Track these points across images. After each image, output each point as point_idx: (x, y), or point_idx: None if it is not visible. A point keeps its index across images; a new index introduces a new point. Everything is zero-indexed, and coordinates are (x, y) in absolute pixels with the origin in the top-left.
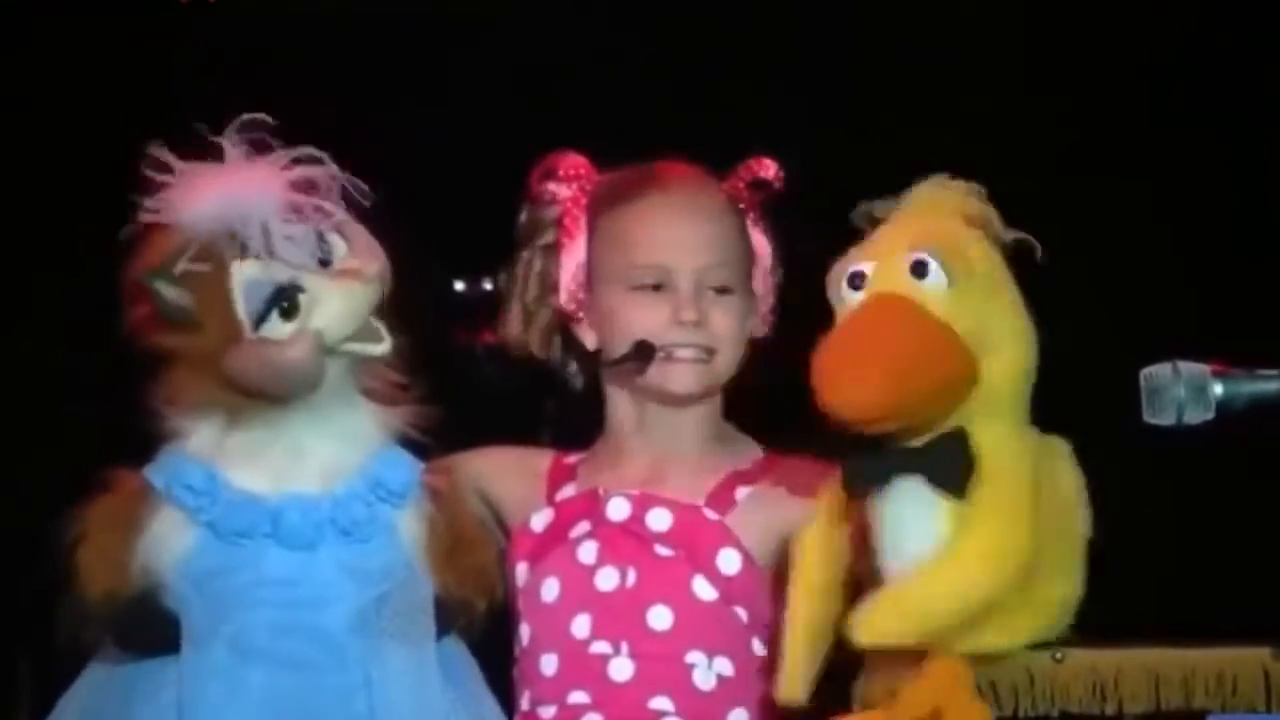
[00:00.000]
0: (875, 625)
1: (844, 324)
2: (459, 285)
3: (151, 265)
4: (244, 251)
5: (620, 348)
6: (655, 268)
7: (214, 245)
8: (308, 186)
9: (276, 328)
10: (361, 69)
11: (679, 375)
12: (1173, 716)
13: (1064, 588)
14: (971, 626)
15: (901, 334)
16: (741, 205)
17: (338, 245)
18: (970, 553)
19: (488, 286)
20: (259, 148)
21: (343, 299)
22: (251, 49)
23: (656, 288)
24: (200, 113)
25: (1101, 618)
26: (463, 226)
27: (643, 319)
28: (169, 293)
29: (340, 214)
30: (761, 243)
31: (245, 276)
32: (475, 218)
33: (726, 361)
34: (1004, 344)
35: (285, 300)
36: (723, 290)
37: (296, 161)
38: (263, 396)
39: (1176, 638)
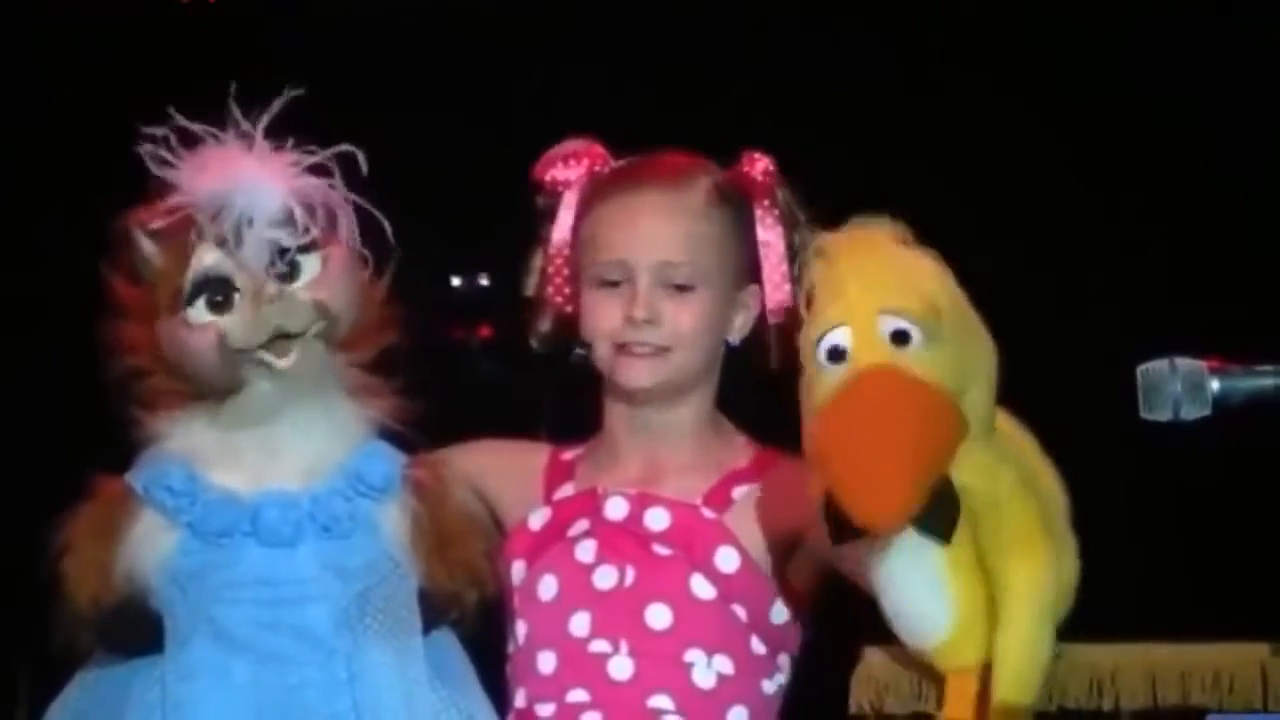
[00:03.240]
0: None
1: (846, 416)
2: (456, 281)
3: (143, 218)
4: (217, 234)
5: (592, 345)
6: (616, 264)
7: (200, 218)
8: (311, 201)
9: (200, 314)
10: (362, 67)
11: (632, 371)
12: (1170, 713)
13: (1071, 563)
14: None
15: (912, 425)
16: (742, 197)
17: (306, 267)
18: (1018, 595)
19: (484, 282)
20: (278, 140)
21: (261, 313)
22: (251, 49)
23: (618, 284)
24: (200, 113)
25: (1099, 614)
26: (461, 222)
27: (603, 315)
28: (145, 244)
29: (331, 237)
30: (772, 233)
31: (203, 258)
32: (472, 214)
33: (685, 359)
34: (978, 374)
35: (218, 294)
36: (684, 288)
37: (314, 171)
38: (188, 378)
39: (1174, 634)
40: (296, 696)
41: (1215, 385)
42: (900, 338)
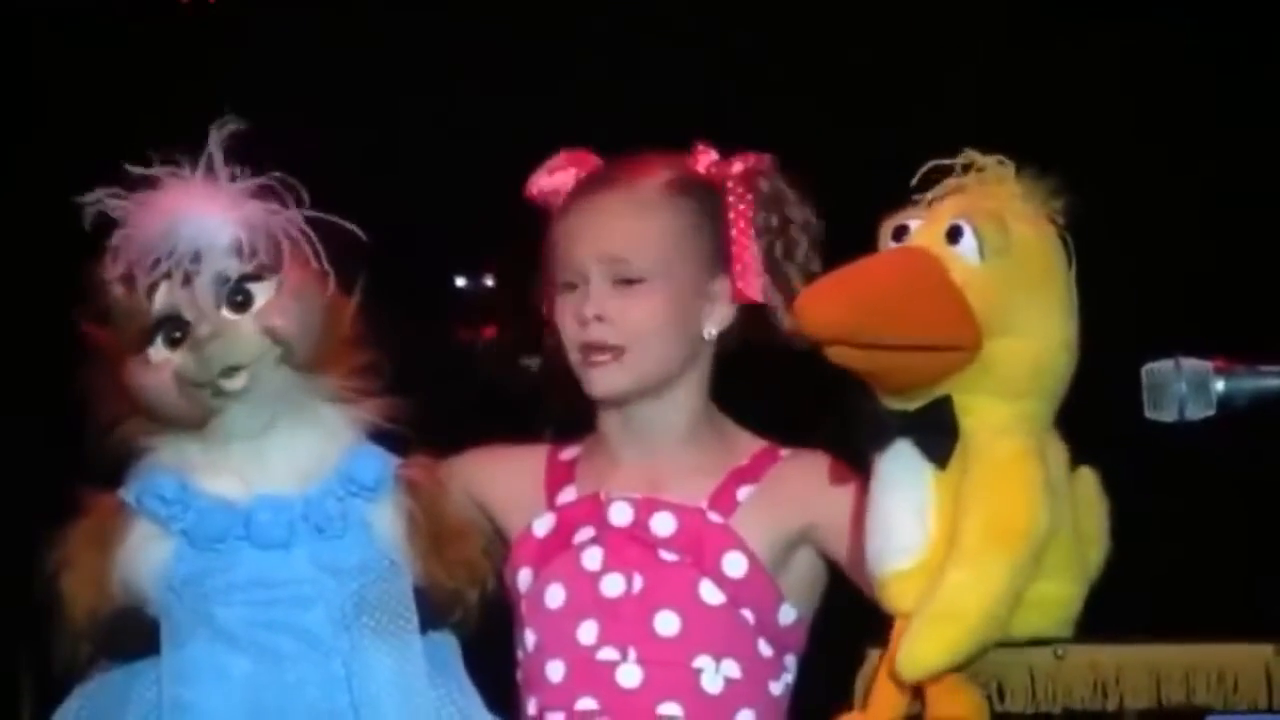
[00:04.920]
0: (922, 659)
1: (849, 267)
2: (460, 282)
3: (108, 262)
4: (169, 271)
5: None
6: (570, 267)
7: (158, 260)
8: (260, 229)
9: (159, 352)
10: (362, 68)
11: (594, 379)
12: (1174, 713)
13: (1057, 588)
14: (1009, 616)
15: (892, 272)
16: (710, 186)
17: (259, 294)
18: (975, 538)
19: (488, 283)
20: (237, 161)
21: (203, 352)
22: (252, 49)
23: (575, 287)
24: (199, 113)
25: (1103, 614)
26: (465, 223)
27: (563, 320)
28: (110, 288)
29: (289, 261)
30: (742, 219)
31: (159, 297)
32: (477, 215)
33: (646, 356)
34: (1027, 332)
35: (175, 330)
36: (636, 281)
37: (264, 194)
38: (158, 418)
39: (1178, 634)
40: (295, 694)
41: (1220, 385)
42: (954, 234)
